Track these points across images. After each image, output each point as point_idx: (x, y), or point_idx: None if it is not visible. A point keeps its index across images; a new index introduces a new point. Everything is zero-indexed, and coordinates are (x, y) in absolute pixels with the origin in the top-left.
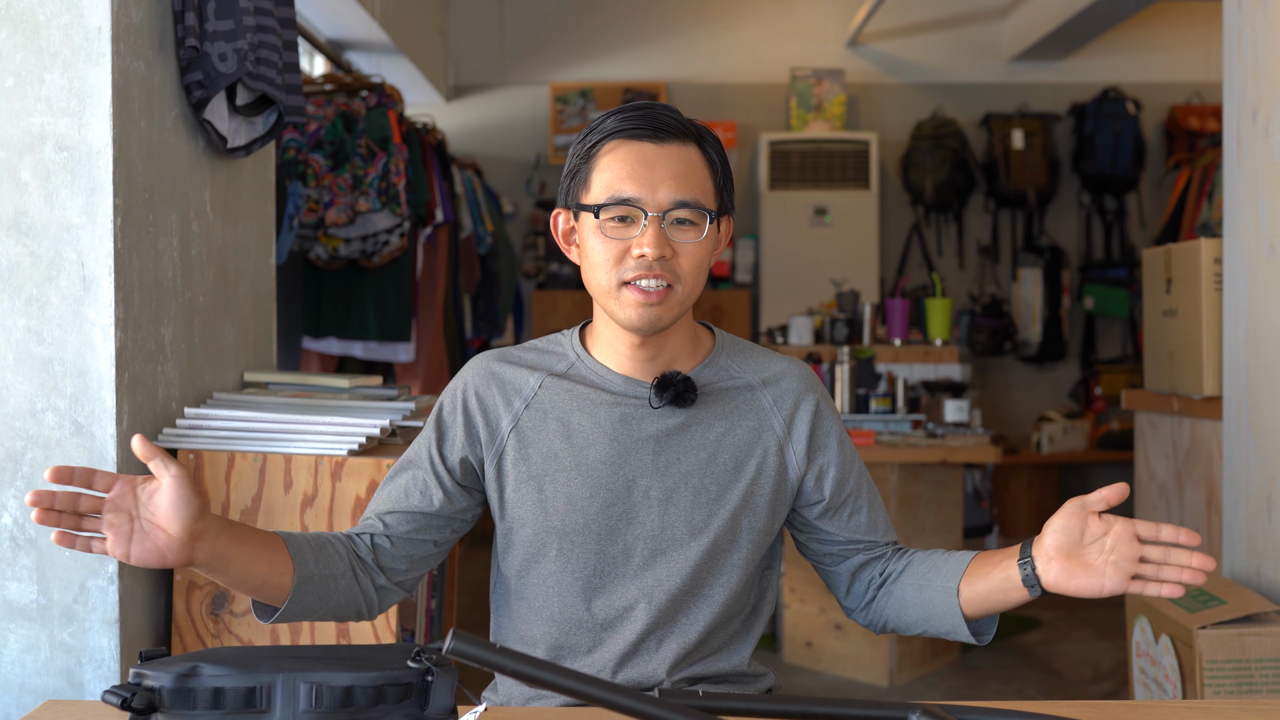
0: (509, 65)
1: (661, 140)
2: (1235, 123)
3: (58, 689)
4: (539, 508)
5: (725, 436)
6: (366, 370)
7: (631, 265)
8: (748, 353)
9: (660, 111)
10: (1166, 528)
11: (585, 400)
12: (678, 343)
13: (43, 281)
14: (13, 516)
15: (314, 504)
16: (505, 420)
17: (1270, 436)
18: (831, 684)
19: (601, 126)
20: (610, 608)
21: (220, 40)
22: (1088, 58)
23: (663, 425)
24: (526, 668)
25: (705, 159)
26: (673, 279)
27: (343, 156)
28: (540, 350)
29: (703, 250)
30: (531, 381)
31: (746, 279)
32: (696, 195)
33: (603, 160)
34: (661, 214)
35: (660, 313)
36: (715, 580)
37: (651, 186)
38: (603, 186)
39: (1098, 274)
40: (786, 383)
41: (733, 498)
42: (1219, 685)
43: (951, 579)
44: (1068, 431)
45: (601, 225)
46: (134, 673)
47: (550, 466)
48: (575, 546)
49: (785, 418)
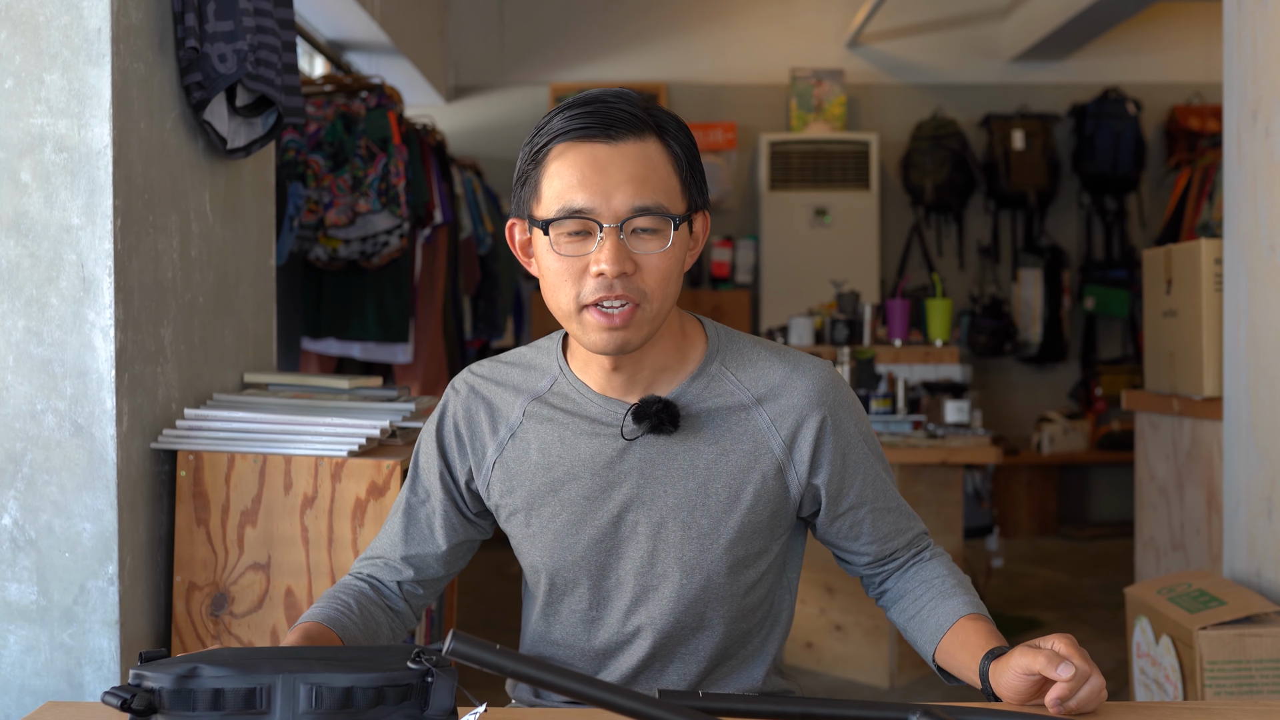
0: (509, 66)
1: (615, 138)
2: (1235, 123)
3: (57, 690)
4: (529, 543)
5: (717, 463)
6: (365, 371)
7: (591, 286)
8: (746, 356)
9: (612, 104)
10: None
11: (565, 430)
12: (660, 355)
13: (42, 282)
14: (12, 518)
15: (314, 505)
16: (491, 449)
17: (1271, 437)
18: (832, 685)
19: (548, 127)
20: (610, 639)
21: (220, 41)
22: (1088, 58)
23: (646, 454)
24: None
25: (667, 152)
26: (638, 297)
27: (342, 157)
28: (525, 366)
29: (669, 260)
30: (516, 409)
31: (747, 280)
32: (658, 199)
33: (551, 166)
34: (619, 224)
35: (627, 336)
36: (715, 610)
37: (605, 193)
38: (553, 196)
39: (1098, 274)
40: (788, 398)
41: (727, 530)
42: (1219, 686)
43: (929, 643)
44: (1068, 432)
45: (554, 241)
46: (134, 674)
47: (535, 501)
48: (568, 583)
49: (785, 438)
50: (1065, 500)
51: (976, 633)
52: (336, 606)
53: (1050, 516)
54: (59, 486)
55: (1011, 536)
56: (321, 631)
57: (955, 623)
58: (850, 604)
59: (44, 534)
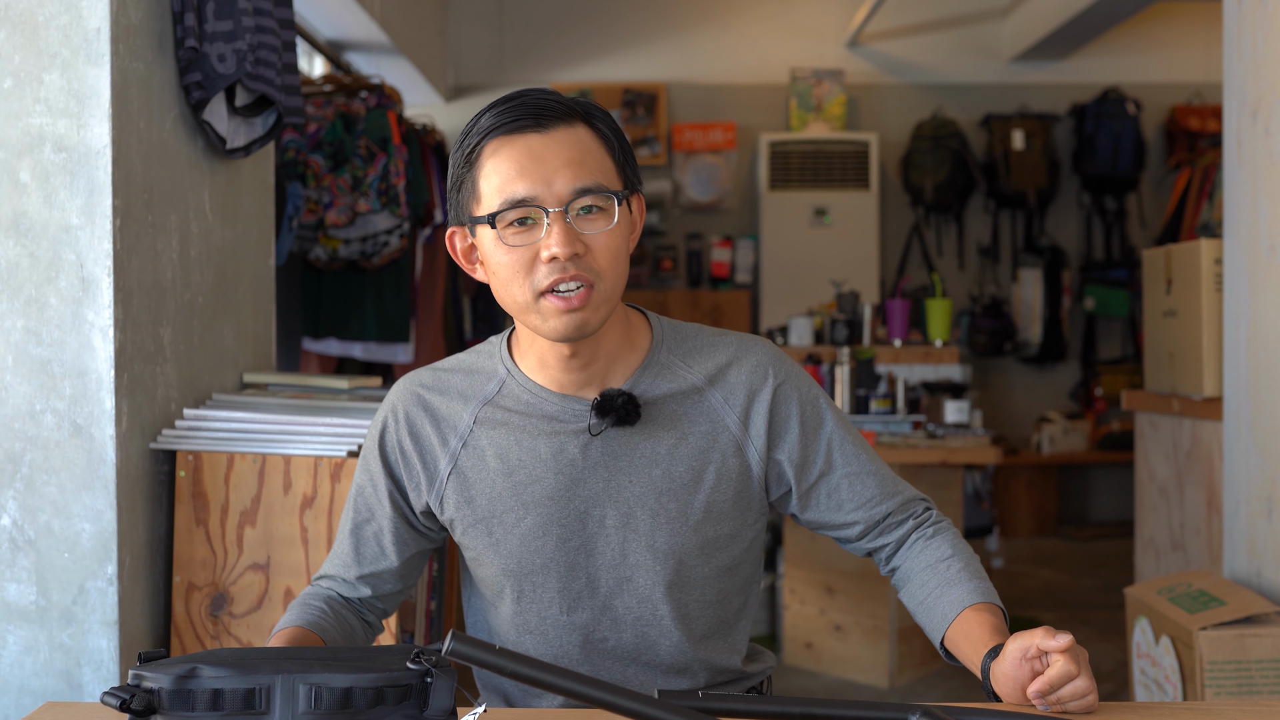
0: (508, 66)
1: (546, 126)
2: (1235, 123)
3: (56, 690)
4: (493, 551)
5: (677, 448)
6: (365, 371)
7: (544, 272)
8: (690, 342)
9: (537, 96)
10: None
11: (522, 432)
12: (611, 343)
13: (42, 282)
14: (12, 518)
15: (313, 505)
16: (443, 461)
17: (1271, 437)
18: (831, 685)
19: (477, 126)
20: (586, 641)
21: (219, 41)
22: (1088, 58)
23: (608, 447)
24: (525, 669)
25: (598, 137)
26: (592, 277)
27: (342, 157)
28: (468, 371)
29: (616, 237)
30: (465, 417)
31: (746, 280)
32: (597, 179)
33: (487, 164)
34: (564, 207)
35: (586, 316)
36: (689, 597)
37: (545, 180)
38: (493, 191)
39: (1098, 274)
40: (735, 374)
41: (694, 512)
42: (1219, 686)
43: (936, 632)
44: (1068, 432)
45: (501, 235)
46: (133, 674)
47: (496, 508)
48: (537, 587)
49: (739, 414)
50: (1065, 500)
51: (980, 625)
52: (312, 612)
53: (1050, 517)
54: (58, 487)
55: (1011, 537)
56: (305, 635)
57: (959, 614)
58: (850, 604)
59: (43, 534)
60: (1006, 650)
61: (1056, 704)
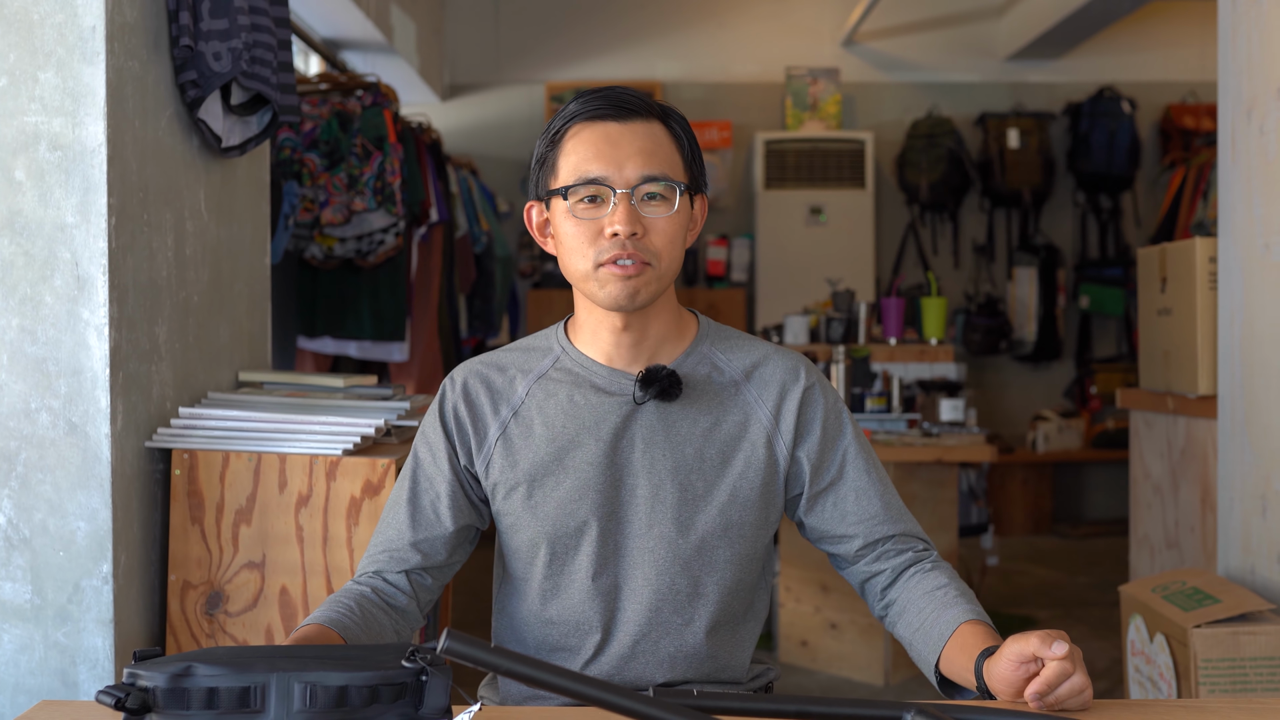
0: (504, 64)
1: (625, 118)
2: (1230, 121)
3: (52, 689)
4: (530, 514)
5: (712, 430)
6: (361, 370)
7: (606, 246)
8: (732, 340)
9: (621, 92)
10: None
11: (569, 401)
12: (661, 326)
13: (37, 281)
14: (7, 516)
15: (309, 503)
16: (493, 428)
17: (1265, 435)
18: (827, 683)
19: (565, 111)
20: (606, 609)
21: (215, 39)
22: (1083, 57)
23: (648, 421)
24: (522, 667)
25: (671, 135)
26: (648, 257)
27: (338, 156)
28: (525, 350)
29: (675, 225)
30: (520, 390)
31: (742, 278)
32: (664, 169)
33: (568, 144)
34: (630, 190)
35: (638, 284)
36: (709, 578)
37: (618, 164)
38: (570, 169)
39: (1093, 273)
40: (769, 370)
41: (720, 493)
42: (1214, 684)
43: (933, 652)
44: (1063, 430)
45: (572, 208)
46: (128, 672)
47: (538, 472)
48: (569, 549)
49: (771, 408)
50: (1060, 498)
51: (975, 635)
52: (337, 609)
53: (1045, 515)
54: (53, 485)
55: (1006, 535)
56: (321, 632)
57: (956, 629)
58: (845, 602)
59: (38, 533)
60: (1003, 650)
61: (1053, 702)
